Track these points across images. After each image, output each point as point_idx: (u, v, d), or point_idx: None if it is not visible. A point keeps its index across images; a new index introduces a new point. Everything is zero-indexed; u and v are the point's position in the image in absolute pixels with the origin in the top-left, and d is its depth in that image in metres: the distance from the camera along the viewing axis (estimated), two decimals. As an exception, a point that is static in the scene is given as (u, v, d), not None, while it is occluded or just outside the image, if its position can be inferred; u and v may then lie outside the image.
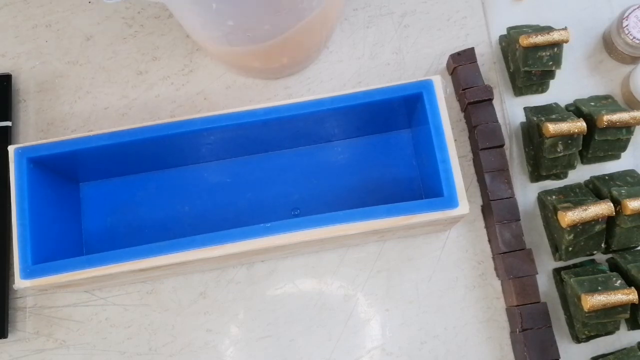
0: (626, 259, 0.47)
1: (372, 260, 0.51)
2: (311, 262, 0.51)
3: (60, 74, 0.55)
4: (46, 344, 0.49)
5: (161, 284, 0.50)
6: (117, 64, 0.55)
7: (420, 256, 0.51)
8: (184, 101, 0.54)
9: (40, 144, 0.44)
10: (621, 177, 0.50)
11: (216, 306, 0.50)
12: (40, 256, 0.43)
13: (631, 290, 0.44)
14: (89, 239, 0.50)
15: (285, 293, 0.50)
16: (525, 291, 0.47)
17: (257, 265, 0.51)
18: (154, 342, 0.49)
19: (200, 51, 0.55)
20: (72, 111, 0.54)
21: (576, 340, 0.48)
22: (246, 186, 0.51)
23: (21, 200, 0.43)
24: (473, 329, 0.49)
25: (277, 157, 0.52)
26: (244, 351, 0.49)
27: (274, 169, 0.52)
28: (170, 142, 0.46)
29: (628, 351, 0.47)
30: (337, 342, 0.49)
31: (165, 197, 0.51)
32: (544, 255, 0.50)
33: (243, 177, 0.51)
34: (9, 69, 0.55)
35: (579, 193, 0.49)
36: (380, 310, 0.50)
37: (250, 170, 0.52)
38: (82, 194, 0.51)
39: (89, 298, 0.50)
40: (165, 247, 0.42)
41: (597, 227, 0.46)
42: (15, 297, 0.50)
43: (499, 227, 0.48)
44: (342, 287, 0.50)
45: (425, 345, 0.49)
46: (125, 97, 0.55)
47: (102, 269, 0.42)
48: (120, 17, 0.56)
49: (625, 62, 0.54)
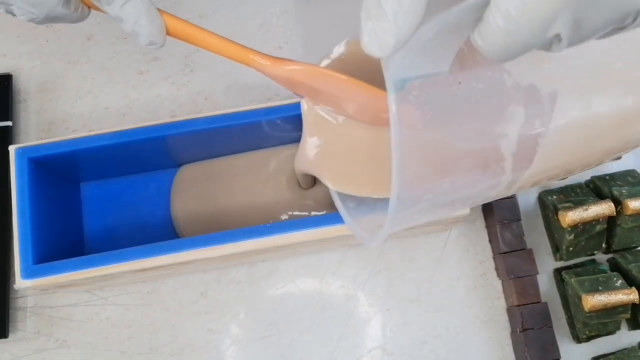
0: (627, 259, 0.47)
1: (373, 260, 0.51)
2: (312, 262, 0.51)
3: (61, 73, 0.55)
4: (47, 344, 0.49)
5: (162, 284, 0.50)
6: (118, 64, 0.55)
7: (421, 256, 0.51)
8: (184, 101, 0.54)
9: (41, 144, 0.44)
10: (622, 177, 0.50)
11: (217, 306, 0.50)
12: (41, 256, 0.43)
13: (632, 290, 0.44)
14: (90, 239, 0.50)
15: (286, 293, 0.50)
16: (526, 291, 0.47)
17: (257, 265, 0.51)
18: (155, 342, 0.49)
19: (200, 51, 0.55)
20: (73, 111, 0.54)
21: (577, 340, 0.48)
22: (247, 186, 0.51)
23: (22, 200, 0.43)
24: (474, 329, 0.49)
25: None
26: (244, 351, 0.49)
27: (275, 168, 0.51)
28: (171, 142, 0.46)
29: (629, 351, 0.47)
30: (338, 342, 0.49)
31: (165, 197, 0.51)
32: (545, 255, 0.50)
33: (244, 177, 0.51)
34: (9, 69, 0.55)
35: (579, 193, 0.49)
36: (381, 309, 0.50)
37: (251, 170, 0.52)
38: (83, 194, 0.51)
39: (89, 298, 0.50)
40: (166, 247, 0.42)
41: (597, 227, 0.46)
42: (16, 297, 0.50)
43: (499, 227, 0.48)
44: (343, 286, 0.50)
45: (427, 345, 0.49)
46: (126, 96, 0.55)
47: (102, 269, 0.42)
48: (121, 17, 0.56)
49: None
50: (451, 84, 0.29)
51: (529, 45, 0.22)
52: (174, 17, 0.34)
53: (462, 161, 0.30)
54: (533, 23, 0.21)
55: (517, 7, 0.21)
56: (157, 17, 0.33)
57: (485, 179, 0.31)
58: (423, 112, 0.29)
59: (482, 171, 0.31)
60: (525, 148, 0.31)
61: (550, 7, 0.21)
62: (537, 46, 0.23)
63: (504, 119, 0.30)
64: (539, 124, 0.31)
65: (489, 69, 0.30)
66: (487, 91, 0.30)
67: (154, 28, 0.33)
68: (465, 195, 0.32)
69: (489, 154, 0.30)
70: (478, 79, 0.30)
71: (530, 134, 0.31)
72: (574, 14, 0.21)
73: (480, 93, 0.30)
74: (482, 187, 0.32)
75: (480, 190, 0.32)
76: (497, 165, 0.31)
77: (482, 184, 0.32)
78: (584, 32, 0.22)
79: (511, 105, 0.30)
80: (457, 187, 0.31)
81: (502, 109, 0.30)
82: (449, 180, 0.30)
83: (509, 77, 0.30)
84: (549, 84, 0.31)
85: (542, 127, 0.31)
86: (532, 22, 0.21)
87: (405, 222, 0.33)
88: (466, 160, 0.30)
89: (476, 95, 0.30)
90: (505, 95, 0.30)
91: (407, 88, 0.28)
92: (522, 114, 0.30)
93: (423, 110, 0.29)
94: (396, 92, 0.25)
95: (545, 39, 0.22)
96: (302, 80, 0.35)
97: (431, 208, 0.32)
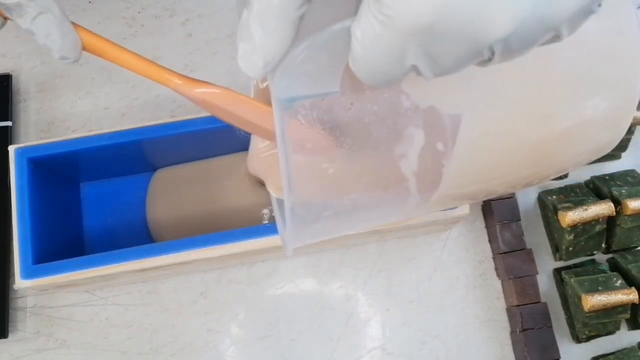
0: (627, 259, 0.47)
1: (373, 260, 0.51)
2: (311, 262, 0.51)
3: (61, 74, 0.55)
4: (47, 344, 0.49)
5: (162, 284, 0.50)
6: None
7: (421, 256, 0.51)
8: (184, 101, 0.54)
9: (40, 144, 0.44)
10: (622, 177, 0.50)
11: (217, 306, 0.50)
12: (41, 256, 0.43)
13: (631, 290, 0.44)
14: (90, 239, 0.50)
15: (286, 293, 0.50)
16: (526, 291, 0.47)
17: (257, 265, 0.51)
18: (155, 342, 0.49)
19: (200, 51, 0.55)
20: (73, 111, 0.54)
21: (576, 340, 0.48)
22: (246, 186, 0.51)
23: (21, 201, 0.43)
24: (474, 329, 0.50)
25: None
26: (244, 351, 0.49)
27: (275, 168, 0.51)
28: (171, 142, 0.46)
29: (628, 351, 0.47)
30: (338, 342, 0.49)
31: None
32: (544, 255, 0.50)
33: (243, 177, 0.51)
34: (9, 69, 0.55)
35: (579, 193, 0.49)
36: (380, 310, 0.50)
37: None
38: (83, 194, 0.51)
39: (89, 298, 0.50)
40: (166, 247, 0.42)
41: (597, 227, 0.46)
42: (16, 297, 0.50)
43: (499, 227, 0.48)
44: (343, 287, 0.50)
45: (426, 345, 0.49)
46: (125, 97, 0.55)
47: (102, 269, 0.42)
48: (121, 17, 0.56)
49: (626, 62, 0.54)
50: (342, 105, 0.29)
51: (391, 74, 0.22)
52: (90, 33, 0.33)
53: (361, 180, 0.30)
54: (386, 53, 0.21)
55: (369, 37, 0.21)
56: (71, 31, 0.32)
57: (389, 199, 0.31)
58: (313, 131, 0.29)
59: (383, 191, 0.31)
60: (428, 169, 0.30)
61: (397, 39, 0.20)
62: (399, 76, 0.22)
63: (402, 141, 0.30)
64: (442, 147, 0.30)
65: (385, 91, 0.29)
66: (382, 113, 0.29)
67: (67, 43, 0.32)
68: (368, 217, 0.32)
69: (388, 174, 0.30)
70: (373, 100, 0.29)
71: (433, 156, 0.30)
72: (424, 48, 0.20)
73: (375, 115, 0.29)
74: (390, 207, 0.32)
75: (389, 211, 0.32)
76: (399, 185, 0.30)
77: (388, 204, 0.31)
78: (441, 65, 0.21)
79: (409, 127, 0.29)
80: (359, 205, 0.30)
81: (399, 130, 0.30)
82: (350, 198, 0.30)
83: (407, 99, 0.29)
84: (451, 106, 0.29)
85: (445, 149, 0.30)
86: (385, 52, 0.21)
87: (312, 236, 0.32)
88: (364, 178, 0.30)
89: (370, 117, 0.29)
90: (402, 117, 0.29)
91: (295, 107, 0.28)
92: (422, 136, 0.30)
93: (313, 129, 0.29)
94: (282, 111, 0.25)
95: (405, 69, 0.22)
96: (214, 103, 0.36)
97: (338, 224, 0.31)
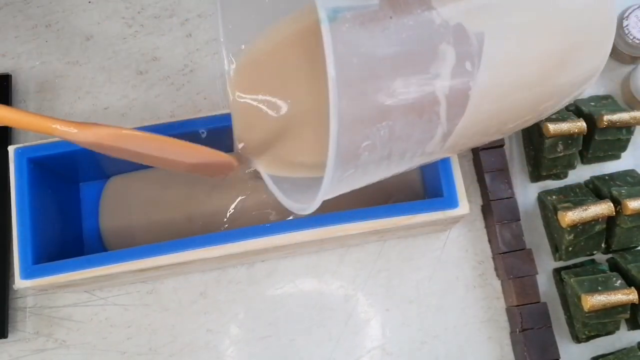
0: (626, 259, 0.47)
1: (372, 260, 0.51)
2: (311, 262, 0.51)
3: (61, 74, 0.55)
4: (46, 344, 0.49)
5: (161, 284, 0.50)
6: (117, 64, 0.55)
7: (421, 256, 0.51)
8: (184, 101, 0.54)
9: (40, 144, 0.44)
10: (621, 177, 0.50)
11: (216, 306, 0.50)
12: (41, 256, 0.43)
13: (631, 290, 0.44)
14: (89, 239, 0.50)
15: (286, 293, 0.50)
16: (525, 291, 0.47)
17: (257, 265, 0.51)
18: (154, 342, 0.49)
19: (200, 51, 0.55)
20: (73, 111, 0.54)
21: (576, 340, 0.48)
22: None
23: (21, 201, 0.43)
24: (473, 329, 0.50)
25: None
26: (244, 351, 0.49)
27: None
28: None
29: (628, 351, 0.47)
30: (337, 342, 0.49)
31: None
32: (544, 255, 0.50)
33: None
34: (8, 69, 0.55)
35: (579, 193, 0.49)
36: (380, 310, 0.50)
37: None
38: (82, 194, 0.51)
39: (89, 298, 0.50)
40: (165, 247, 0.42)
41: (597, 227, 0.46)
42: (15, 297, 0.50)
43: (499, 227, 0.48)
44: (342, 287, 0.50)
45: (426, 345, 0.49)
46: (125, 97, 0.55)
47: (102, 269, 0.42)
48: (121, 17, 0.56)
49: (625, 62, 0.54)
50: (382, 19, 0.29)
51: None
52: None
53: (399, 101, 0.30)
54: None
55: None
56: None
57: (421, 125, 0.31)
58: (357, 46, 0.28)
59: (418, 116, 0.31)
60: (457, 91, 0.31)
61: None
62: None
63: (436, 58, 0.30)
64: (469, 65, 0.30)
65: (417, 5, 0.29)
66: (418, 27, 0.30)
67: None
68: (403, 148, 0.32)
69: (424, 95, 0.30)
70: (408, 14, 0.29)
71: (462, 76, 0.30)
72: None
73: (411, 29, 0.29)
74: (418, 137, 0.31)
75: (416, 142, 0.32)
76: (431, 109, 0.31)
77: (418, 132, 0.31)
78: None
79: (442, 44, 0.30)
80: (394, 135, 0.30)
81: (434, 47, 0.30)
82: (387, 125, 0.30)
83: (437, 15, 0.30)
84: (476, 24, 0.30)
85: (472, 68, 0.30)
86: None
87: (345, 182, 0.32)
88: (403, 99, 0.30)
89: (407, 32, 0.29)
90: (435, 32, 0.30)
91: (340, 19, 0.27)
92: (453, 53, 0.30)
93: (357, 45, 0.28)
94: (329, 22, 0.25)
95: None
96: (112, 144, 0.33)
97: (369, 165, 0.31)
